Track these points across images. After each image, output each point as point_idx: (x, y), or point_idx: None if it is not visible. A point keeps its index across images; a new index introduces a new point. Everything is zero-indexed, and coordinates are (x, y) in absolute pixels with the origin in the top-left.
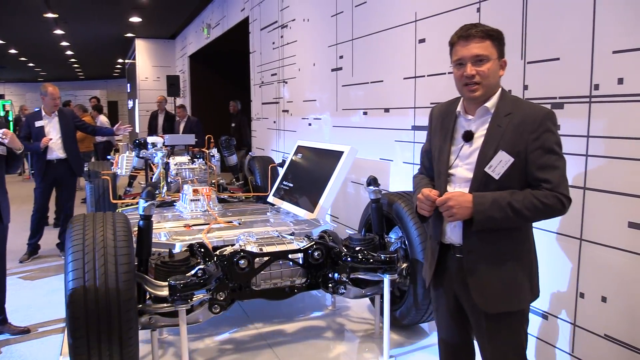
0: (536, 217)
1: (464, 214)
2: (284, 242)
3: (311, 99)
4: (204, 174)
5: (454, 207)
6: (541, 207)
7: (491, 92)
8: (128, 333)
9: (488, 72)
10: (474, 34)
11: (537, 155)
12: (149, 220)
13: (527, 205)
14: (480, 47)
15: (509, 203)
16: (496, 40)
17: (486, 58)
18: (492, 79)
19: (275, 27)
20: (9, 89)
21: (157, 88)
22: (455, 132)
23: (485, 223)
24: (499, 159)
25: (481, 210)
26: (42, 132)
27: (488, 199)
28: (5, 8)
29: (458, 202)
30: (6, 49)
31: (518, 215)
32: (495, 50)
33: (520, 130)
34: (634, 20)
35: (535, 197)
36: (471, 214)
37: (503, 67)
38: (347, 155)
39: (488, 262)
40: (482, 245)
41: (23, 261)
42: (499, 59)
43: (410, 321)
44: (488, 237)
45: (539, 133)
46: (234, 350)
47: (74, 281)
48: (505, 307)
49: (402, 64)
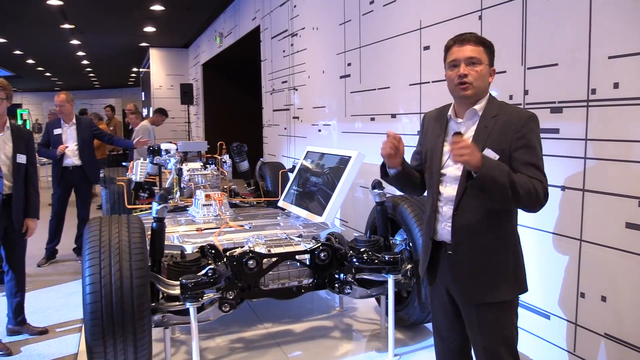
0: (524, 197)
1: (474, 160)
2: (291, 244)
3: (321, 105)
4: (216, 179)
5: (468, 149)
6: (532, 191)
7: (480, 95)
8: (142, 330)
9: (479, 74)
10: (469, 39)
11: (522, 153)
12: (162, 222)
13: (522, 183)
14: (474, 50)
15: (509, 173)
16: (488, 49)
17: (479, 61)
18: (482, 82)
19: (285, 35)
20: (26, 98)
21: (171, 96)
22: (446, 135)
23: (486, 178)
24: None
25: (487, 164)
26: (60, 140)
27: (495, 161)
28: (23, 20)
29: (473, 148)
30: (24, 59)
31: (513, 186)
32: (486, 56)
33: (506, 130)
34: (628, 27)
35: (531, 181)
36: (478, 162)
37: (492, 75)
38: (355, 160)
39: (473, 254)
40: (468, 239)
41: (41, 265)
42: (489, 65)
43: (415, 321)
44: (475, 230)
45: (524, 132)
46: (243, 348)
47: (91, 278)
48: (490, 298)
49: (407, 71)
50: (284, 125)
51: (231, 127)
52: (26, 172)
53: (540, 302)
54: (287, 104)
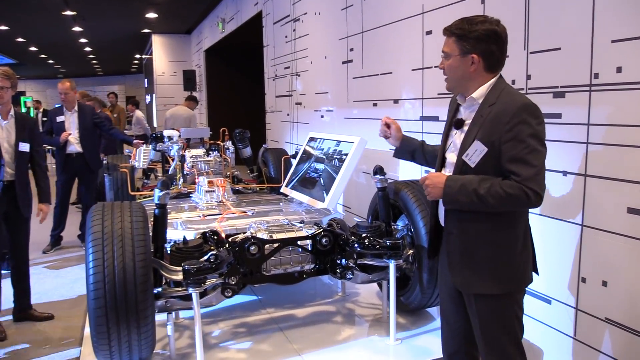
0: (501, 205)
1: (436, 193)
2: (293, 230)
3: (323, 91)
4: (218, 166)
5: (429, 187)
6: (505, 197)
7: (464, 86)
8: (145, 315)
9: (447, 69)
10: (444, 31)
11: (509, 147)
12: (164, 208)
13: (492, 193)
14: (446, 43)
15: (475, 190)
16: (459, 37)
17: (447, 55)
18: (454, 74)
19: (287, 20)
20: (29, 85)
21: (174, 83)
22: (454, 118)
23: (453, 204)
24: (474, 148)
25: (449, 193)
26: (63, 127)
27: (458, 183)
28: (25, 7)
29: (433, 183)
30: (26, 46)
31: (482, 201)
32: (457, 46)
33: (497, 121)
34: (631, 10)
35: (501, 186)
36: (441, 194)
37: (475, 63)
38: (357, 146)
39: (464, 244)
40: (460, 228)
41: (46, 252)
42: (462, 55)
43: (417, 306)
44: (466, 221)
45: (513, 124)
46: (246, 333)
47: (94, 264)
48: (478, 289)
49: (410, 56)
50: (286, 111)
51: (234, 114)
52: (32, 158)
53: (542, 287)
54: (289, 90)
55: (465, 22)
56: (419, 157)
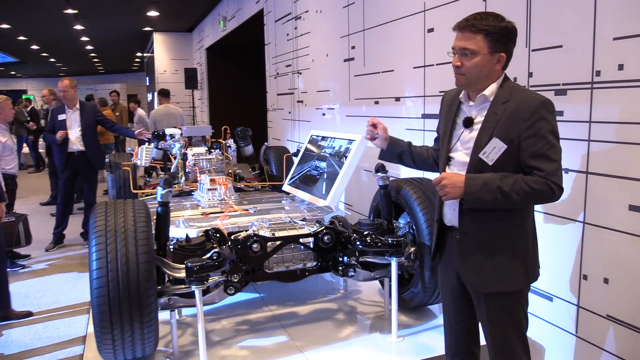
0: (525, 201)
1: (456, 193)
2: (295, 227)
3: (325, 89)
4: (220, 164)
5: (448, 186)
6: (530, 192)
7: (482, 84)
8: (148, 313)
9: (470, 66)
10: (466, 27)
11: (530, 143)
12: (167, 206)
13: (516, 189)
14: (470, 40)
15: (499, 187)
16: (490, 35)
17: (472, 52)
18: (476, 73)
19: (289, 18)
20: (30, 84)
21: (176, 81)
22: (457, 117)
23: (475, 203)
24: (492, 145)
25: (471, 192)
26: (64, 125)
27: (479, 181)
28: (27, 5)
29: (451, 182)
30: (28, 45)
31: (507, 198)
32: (486, 45)
33: (515, 118)
34: (633, 7)
35: (525, 182)
36: (462, 194)
37: (500, 61)
38: (359, 144)
39: (481, 243)
40: (475, 228)
41: (49, 250)
42: (491, 53)
43: (418, 303)
44: (482, 220)
45: (533, 121)
46: (249, 330)
47: (97, 262)
48: (496, 288)
49: (411, 54)
50: (288, 109)
51: (236, 112)
52: None
53: (544, 284)
54: (291, 87)
55: (491, 19)
56: (407, 159)
